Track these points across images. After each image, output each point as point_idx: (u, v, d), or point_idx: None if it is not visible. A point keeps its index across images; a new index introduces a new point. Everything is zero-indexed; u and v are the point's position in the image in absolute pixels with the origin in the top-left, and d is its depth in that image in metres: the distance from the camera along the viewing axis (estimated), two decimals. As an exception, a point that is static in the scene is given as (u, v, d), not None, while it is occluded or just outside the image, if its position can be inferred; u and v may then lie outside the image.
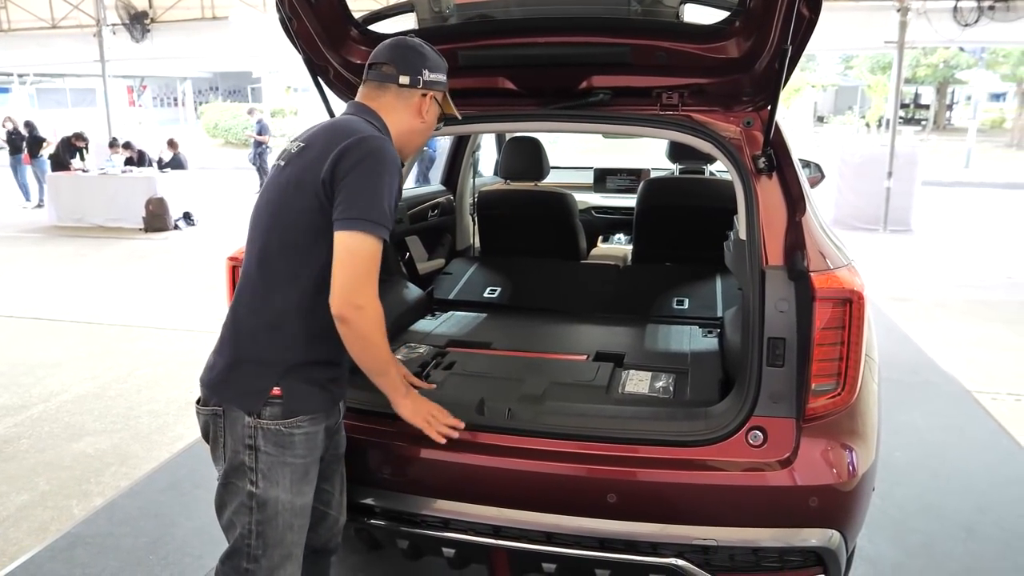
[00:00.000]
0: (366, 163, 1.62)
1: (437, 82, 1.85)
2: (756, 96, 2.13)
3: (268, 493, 1.68)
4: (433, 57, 1.85)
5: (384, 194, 1.62)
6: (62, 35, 13.63)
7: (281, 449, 1.68)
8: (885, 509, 3.12)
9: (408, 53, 1.83)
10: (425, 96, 1.82)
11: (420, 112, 1.83)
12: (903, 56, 10.44)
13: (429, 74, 1.82)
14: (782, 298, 1.84)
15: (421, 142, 1.94)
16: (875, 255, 8.67)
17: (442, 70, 1.86)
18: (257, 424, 1.66)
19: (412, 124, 1.84)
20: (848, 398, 1.84)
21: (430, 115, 1.86)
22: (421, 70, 1.81)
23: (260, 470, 1.67)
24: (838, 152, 10.93)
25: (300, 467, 1.71)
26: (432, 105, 1.85)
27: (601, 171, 5.15)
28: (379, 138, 1.68)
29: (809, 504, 1.81)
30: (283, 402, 1.67)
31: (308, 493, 1.75)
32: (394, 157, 1.68)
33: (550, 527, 1.89)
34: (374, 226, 1.60)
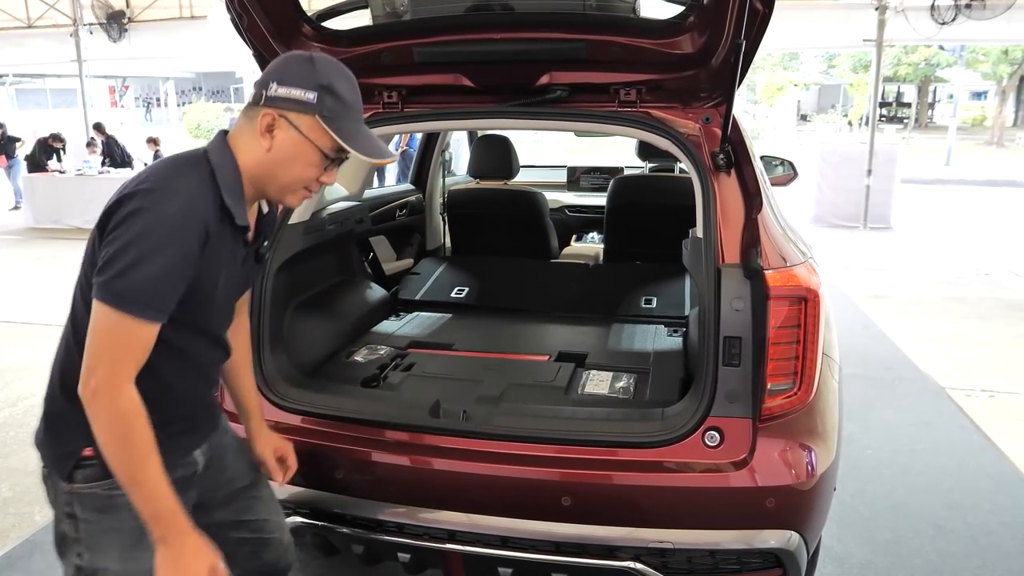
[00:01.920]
0: (133, 225, 1.31)
1: (291, 100, 1.41)
2: (713, 92, 2.10)
3: (95, 564, 1.48)
4: (301, 69, 1.43)
5: (149, 268, 1.31)
6: (38, 35, 13.44)
7: (101, 515, 1.47)
8: (855, 507, 3.11)
9: (273, 66, 1.48)
10: (268, 117, 1.42)
11: (258, 135, 1.44)
12: (882, 54, 10.49)
13: (277, 87, 1.41)
14: (737, 296, 1.82)
15: (287, 183, 1.49)
16: (854, 252, 8.71)
17: (307, 85, 1.41)
18: (71, 490, 1.47)
19: (257, 155, 1.45)
20: (805, 397, 1.82)
21: (284, 144, 1.43)
22: (268, 83, 1.43)
23: (83, 540, 1.48)
24: (818, 150, 10.98)
25: (130, 531, 1.46)
26: (284, 129, 1.42)
27: (574, 170, 5.14)
28: (161, 193, 1.34)
29: (766, 505, 1.79)
30: (97, 463, 1.42)
31: (147, 559, 1.45)
32: (177, 219, 1.34)
33: (504, 531, 1.86)
34: (126, 303, 1.31)
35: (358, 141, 1.47)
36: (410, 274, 3.48)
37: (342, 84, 1.46)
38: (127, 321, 1.32)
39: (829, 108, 33.71)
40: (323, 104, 1.42)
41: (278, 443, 1.86)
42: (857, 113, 27.99)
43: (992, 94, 31.81)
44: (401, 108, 2.32)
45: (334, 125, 1.43)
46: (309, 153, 1.45)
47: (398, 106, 2.32)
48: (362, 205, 2.96)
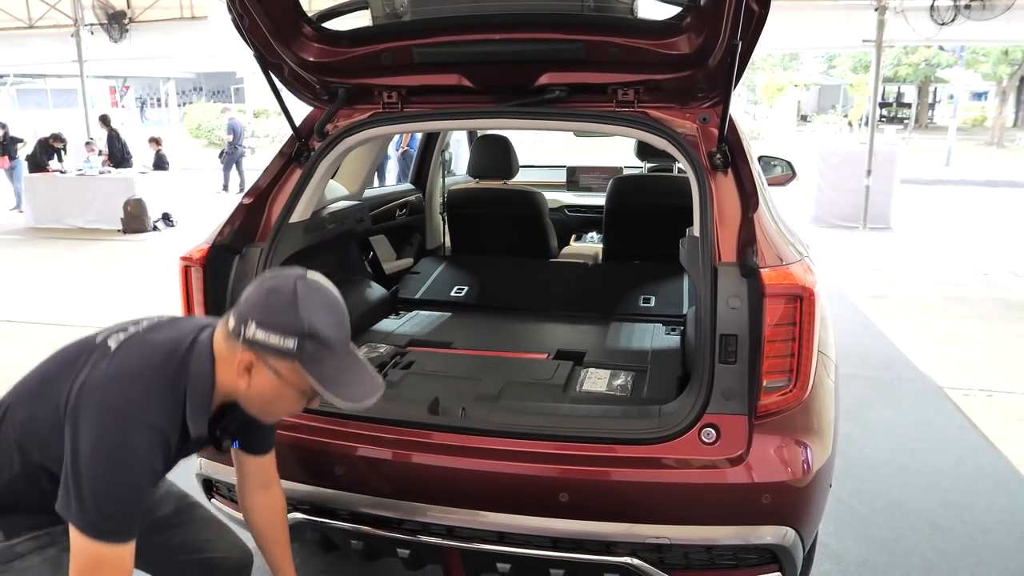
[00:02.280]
0: (98, 451, 1.34)
1: (269, 347, 1.40)
2: (711, 92, 2.12)
3: None
4: (282, 311, 1.40)
5: (117, 499, 1.35)
6: (39, 35, 13.47)
7: (8, 564, 1.51)
8: (852, 505, 3.13)
9: (253, 290, 1.45)
10: (247, 359, 1.42)
11: (239, 372, 1.43)
12: (881, 55, 10.50)
13: (256, 329, 1.39)
14: (734, 295, 1.83)
15: (265, 413, 1.54)
16: (853, 252, 8.72)
17: (287, 332, 1.38)
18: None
19: (236, 386, 1.45)
20: (800, 394, 1.83)
21: (263, 386, 1.44)
22: (247, 320, 1.40)
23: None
24: (818, 151, 10.99)
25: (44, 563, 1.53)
26: (265, 374, 1.42)
27: (573, 169, 5.15)
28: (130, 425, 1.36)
29: (762, 501, 1.81)
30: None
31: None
32: (141, 449, 1.36)
33: (502, 527, 1.88)
34: (102, 534, 1.35)
35: (340, 385, 1.46)
36: (410, 273, 3.49)
37: (325, 325, 1.43)
38: (105, 548, 1.36)
39: (829, 108, 33.71)
40: (303, 351, 1.40)
41: None
42: (857, 113, 27.99)
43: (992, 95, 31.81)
44: (401, 108, 2.34)
45: (314, 370, 1.42)
46: (288, 394, 1.46)
47: (398, 106, 2.33)
48: (362, 204, 2.98)
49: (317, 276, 1.50)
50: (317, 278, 1.49)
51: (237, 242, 2.17)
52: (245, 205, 2.25)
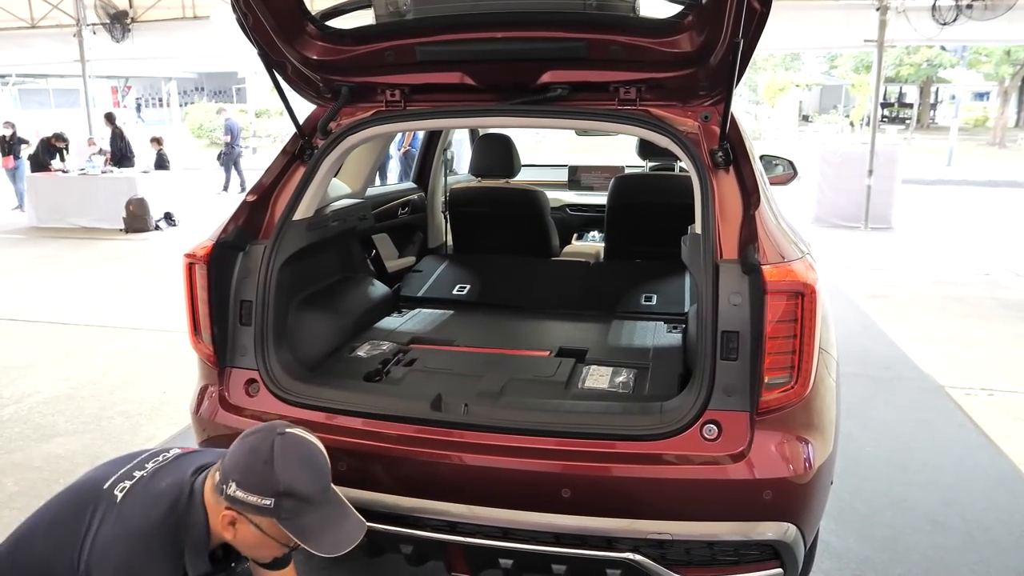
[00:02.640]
0: None
1: (249, 504, 1.53)
2: (712, 90, 2.13)
3: None
4: (260, 472, 1.52)
5: None
6: (42, 35, 13.49)
7: None
8: (853, 504, 3.13)
9: (236, 450, 1.58)
10: (229, 515, 1.55)
11: (224, 526, 1.57)
12: (883, 55, 10.50)
13: (236, 489, 1.53)
14: (735, 292, 1.84)
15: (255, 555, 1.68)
16: (855, 252, 8.72)
17: (265, 492, 1.52)
18: None
19: (223, 534, 1.58)
20: (802, 391, 1.84)
21: (246, 538, 1.57)
22: (228, 479, 1.54)
23: None
24: (819, 151, 11.00)
25: None
26: (248, 527, 1.55)
27: (575, 168, 5.16)
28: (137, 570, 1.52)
29: (764, 497, 1.82)
30: None
31: None
32: None
33: (505, 522, 1.89)
34: None
35: (319, 536, 1.57)
36: (412, 271, 3.50)
37: (301, 482, 1.54)
38: None
39: (831, 109, 33.70)
40: (280, 508, 1.52)
41: None
42: (859, 114, 27.98)
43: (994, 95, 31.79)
44: (403, 106, 2.35)
45: (293, 525, 1.54)
46: (271, 543, 1.59)
47: (401, 104, 2.34)
48: (364, 203, 2.99)
49: (296, 431, 1.62)
50: (296, 433, 1.61)
51: (241, 239, 2.18)
52: (248, 203, 2.26)
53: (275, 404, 2.09)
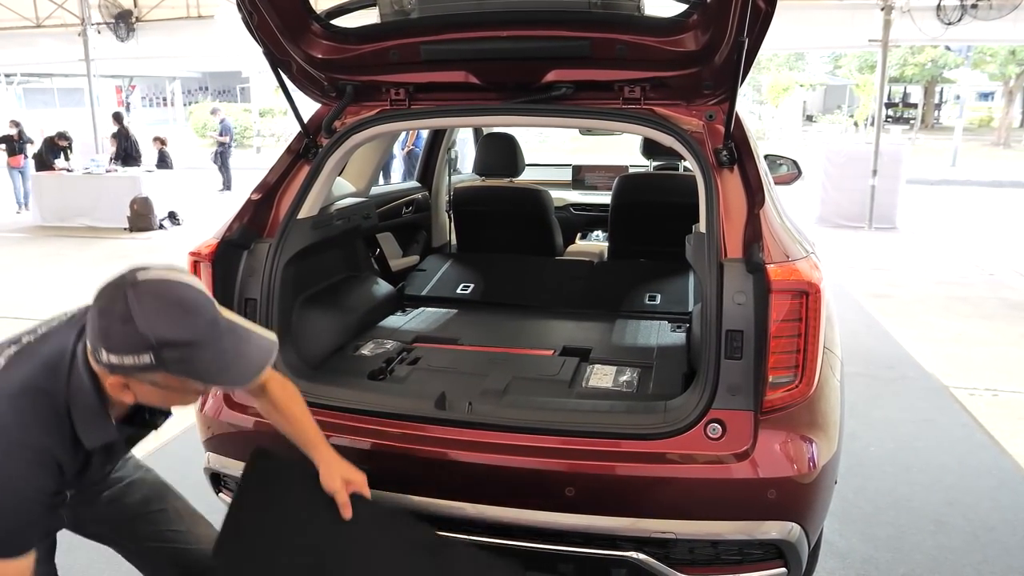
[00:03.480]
0: None
1: (128, 367, 1.32)
2: (717, 89, 2.13)
3: None
4: (121, 332, 1.30)
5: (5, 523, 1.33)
6: (47, 34, 13.53)
7: None
8: (856, 503, 3.13)
9: (90, 318, 1.36)
10: (117, 381, 1.36)
11: (119, 390, 1.38)
12: (887, 55, 10.49)
13: (109, 355, 1.31)
14: (739, 290, 1.84)
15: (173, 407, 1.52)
16: (858, 252, 8.71)
17: (137, 350, 1.29)
18: None
19: (122, 397, 1.39)
20: (806, 390, 1.84)
21: (145, 394, 1.39)
22: (97, 348, 1.33)
23: None
24: (823, 151, 10.98)
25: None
26: (143, 386, 1.36)
27: (579, 168, 5.16)
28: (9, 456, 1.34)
29: (768, 496, 1.82)
30: None
31: None
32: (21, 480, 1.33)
33: (509, 520, 1.89)
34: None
35: (221, 373, 1.39)
36: (416, 270, 3.51)
37: (175, 329, 1.32)
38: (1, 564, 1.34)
39: (835, 109, 33.64)
40: (164, 360, 1.31)
41: (350, 474, 1.78)
42: (863, 114, 27.92)
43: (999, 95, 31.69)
44: (408, 105, 2.35)
45: (187, 371, 1.34)
46: (177, 394, 1.42)
47: (405, 103, 2.35)
48: (369, 202, 3.00)
49: (151, 275, 1.37)
50: (150, 278, 1.36)
51: (245, 238, 2.18)
52: (253, 201, 2.27)
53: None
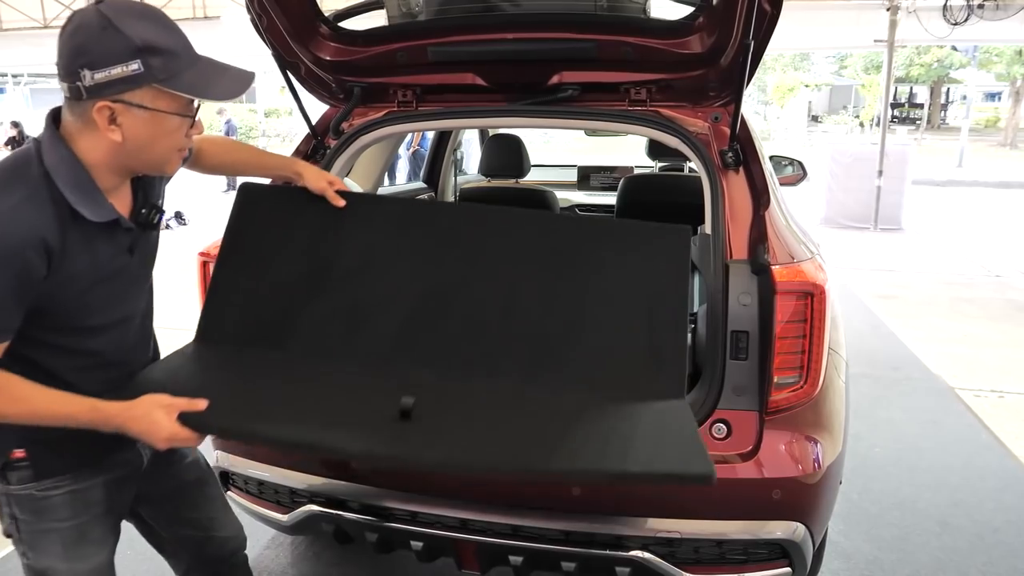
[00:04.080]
0: None
1: (115, 81, 1.23)
2: (722, 91, 2.14)
3: (40, 563, 1.50)
4: (103, 41, 1.22)
5: None
6: (54, 35, 13.47)
7: (39, 515, 1.47)
8: (861, 504, 3.14)
9: (62, 44, 1.25)
10: (104, 110, 1.25)
11: (103, 131, 1.27)
12: (893, 55, 10.47)
13: (92, 74, 1.22)
14: (745, 292, 1.85)
15: (159, 158, 1.37)
16: (864, 253, 8.70)
17: (123, 57, 1.22)
18: (7, 491, 1.47)
19: (109, 147, 1.30)
20: (811, 391, 1.84)
21: (137, 128, 1.28)
22: (77, 71, 1.22)
23: (24, 540, 1.50)
24: (828, 151, 10.96)
25: (71, 531, 1.49)
26: (129, 114, 1.26)
27: (585, 169, 5.17)
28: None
29: (772, 497, 1.83)
30: (29, 465, 1.44)
31: (95, 555, 1.54)
32: (5, 250, 1.23)
33: (515, 520, 1.90)
34: None
35: (209, 87, 1.33)
36: None
37: (156, 33, 1.27)
38: None
39: (840, 109, 33.60)
40: (151, 68, 1.24)
41: (328, 176, 1.91)
42: (869, 114, 27.91)
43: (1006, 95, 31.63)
44: (415, 107, 2.37)
45: (176, 84, 1.28)
46: (167, 122, 1.31)
47: (412, 104, 2.36)
48: None
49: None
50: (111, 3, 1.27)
51: None
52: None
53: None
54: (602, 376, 1.70)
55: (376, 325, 1.82)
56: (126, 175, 1.42)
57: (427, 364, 1.73)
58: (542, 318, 1.77)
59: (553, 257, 1.82)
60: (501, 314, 1.79)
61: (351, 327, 1.82)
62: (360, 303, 1.85)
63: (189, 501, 1.78)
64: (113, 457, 1.55)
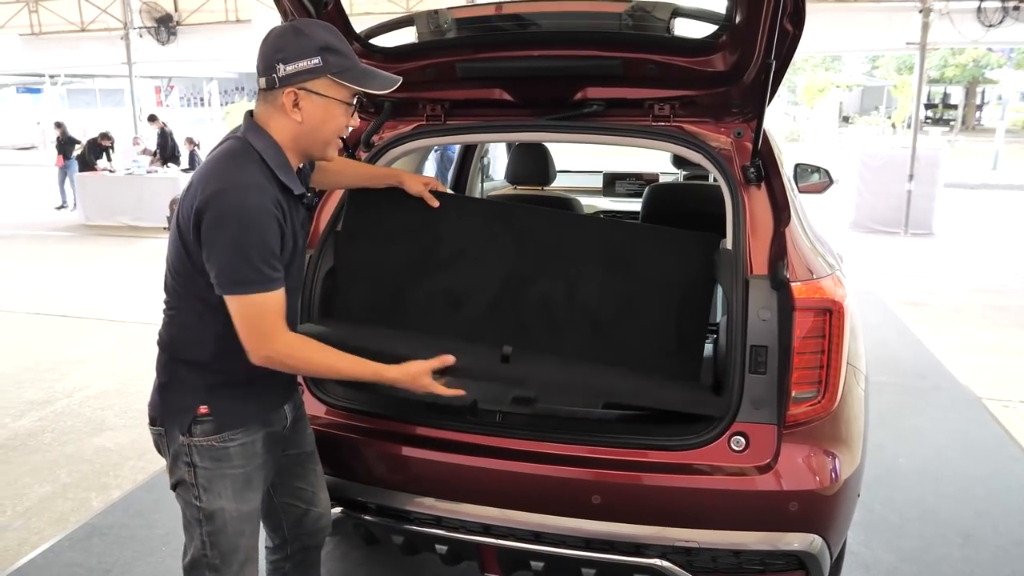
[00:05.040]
0: (222, 226, 1.54)
1: (301, 72, 1.59)
2: (745, 108, 2.17)
3: (213, 505, 1.72)
4: (295, 42, 1.59)
5: (250, 251, 1.55)
6: (91, 38, 13.94)
7: (218, 463, 1.72)
8: (883, 514, 3.14)
9: (264, 48, 1.63)
10: (291, 95, 1.61)
11: (288, 113, 1.62)
12: (925, 57, 10.33)
13: (285, 67, 1.58)
14: (764, 307, 1.89)
15: (325, 139, 1.71)
16: (893, 258, 8.62)
17: (308, 54, 1.58)
18: (191, 442, 1.71)
19: (293, 129, 1.65)
20: (829, 406, 1.87)
21: (313, 111, 1.63)
22: (274, 65, 1.59)
23: (200, 484, 1.72)
24: (858, 154, 10.84)
25: (240, 476, 1.75)
26: (308, 99, 1.61)
27: (611, 175, 5.20)
28: (234, 191, 1.55)
29: (790, 509, 1.86)
30: (212, 419, 1.70)
31: (254, 499, 1.80)
32: (255, 207, 1.55)
33: (537, 526, 1.95)
34: (247, 286, 1.57)
35: (369, 81, 1.68)
36: None
37: (333, 39, 1.64)
38: (257, 299, 1.58)
39: (872, 110, 33.09)
40: (328, 62, 1.61)
41: (424, 179, 2.23)
42: (901, 115, 27.45)
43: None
44: (444, 121, 2.43)
45: (346, 76, 1.64)
46: (335, 108, 1.66)
47: (441, 119, 2.42)
48: None
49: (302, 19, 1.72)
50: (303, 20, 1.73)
51: None
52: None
53: (314, 404, 2.18)
54: (637, 355, 2.08)
55: (468, 307, 2.20)
56: (302, 157, 1.75)
57: (509, 340, 2.04)
58: (596, 305, 2.13)
59: (606, 254, 2.17)
60: (564, 299, 2.14)
61: (448, 308, 2.20)
62: (453, 288, 2.22)
63: (301, 472, 2.00)
64: (272, 415, 1.84)
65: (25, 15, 14.40)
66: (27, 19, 14.43)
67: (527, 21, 2.28)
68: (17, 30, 14.65)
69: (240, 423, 1.74)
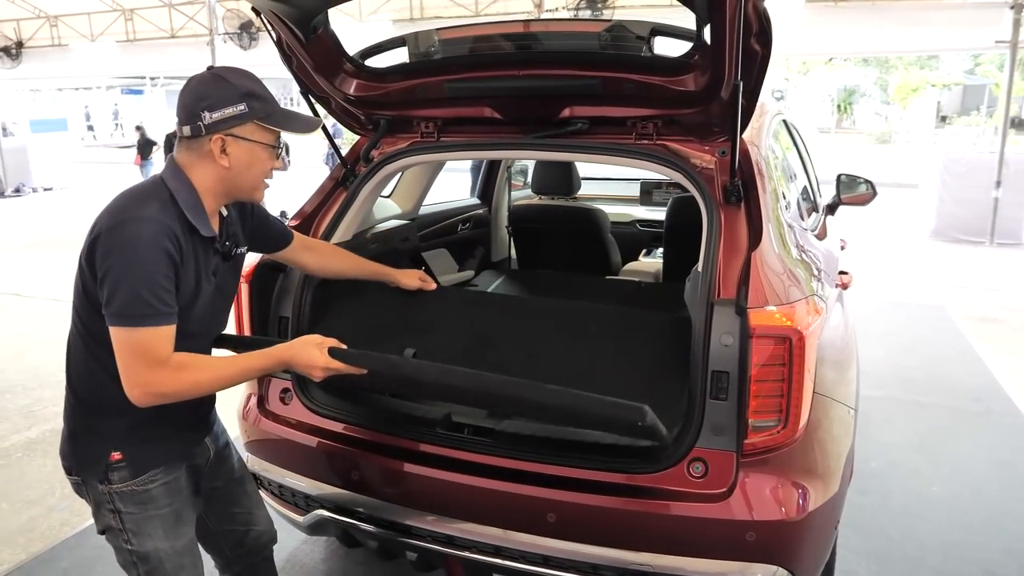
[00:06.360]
0: (112, 256, 1.53)
1: (228, 118, 1.62)
2: (724, 127, 2.13)
3: (145, 547, 1.72)
4: (218, 90, 1.62)
5: (140, 285, 1.52)
6: (179, 44, 14.75)
7: (143, 506, 1.71)
8: (902, 544, 3.01)
9: (185, 97, 1.65)
10: (218, 141, 1.63)
11: (216, 159, 1.64)
12: (1016, 56, 9.71)
13: (211, 114, 1.61)
14: (727, 332, 1.85)
15: (252, 183, 1.72)
16: (974, 270, 8.15)
17: (233, 101, 1.62)
18: (110, 490, 1.69)
19: (217, 174, 1.67)
20: (790, 435, 1.82)
21: (240, 155, 1.66)
22: (199, 113, 1.61)
23: (129, 529, 1.72)
24: (940, 159, 10.28)
25: (170, 515, 1.75)
26: (236, 144, 1.64)
27: (648, 184, 5.15)
28: (129, 223, 1.54)
29: (746, 538, 1.82)
30: (127, 464, 1.68)
31: (187, 532, 1.80)
32: (147, 240, 1.53)
33: (497, 540, 1.98)
34: (133, 319, 1.52)
35: (292, 123, 1.73)
36: (467, 286, 3.64)
37: (255, 86, 1.68)
38: (142, 332, 1.53)
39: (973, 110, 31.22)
40: (253, 108, 1.65)
41: (417, 273, 2.44)
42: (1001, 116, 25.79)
43: None
44: (437, 138, 2.48)
45: (271, 120, 1.68)
46: (261, 152, 1.70)
47: (434, 135, 2.48)
48: (410, 224, 3.14)
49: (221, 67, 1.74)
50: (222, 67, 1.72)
51: (280, 262, 2.37)
52: (292, 227, 2.46)
53: (304, 412, 2.27)
54: None
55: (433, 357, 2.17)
56: (223, 201, 1.75)
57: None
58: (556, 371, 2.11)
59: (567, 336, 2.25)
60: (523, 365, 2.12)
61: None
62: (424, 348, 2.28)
63: (235, 496, 2.03)
64: (192, 448, 1.86)
65: (121, 23, 15.42)
66: (123, 27, 15.45)
67: (511, 41, 2.31)
68: (114, 37, 15.69)
69: (159, 462, 1.73)
